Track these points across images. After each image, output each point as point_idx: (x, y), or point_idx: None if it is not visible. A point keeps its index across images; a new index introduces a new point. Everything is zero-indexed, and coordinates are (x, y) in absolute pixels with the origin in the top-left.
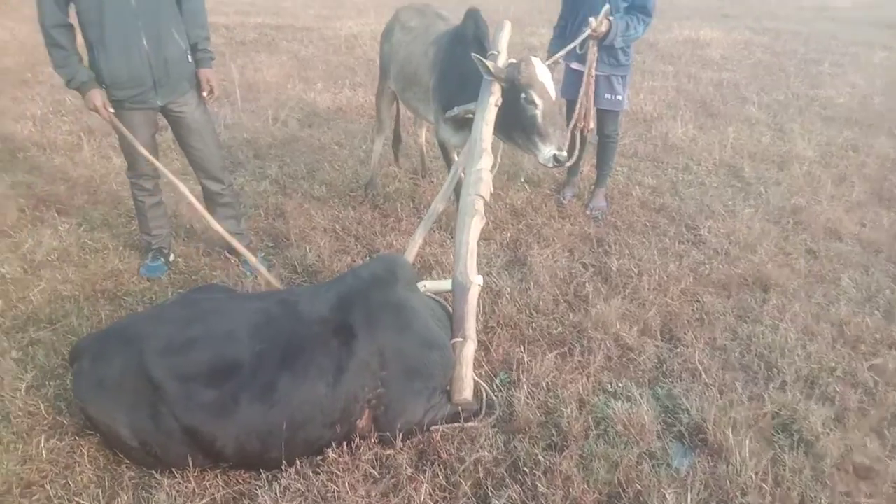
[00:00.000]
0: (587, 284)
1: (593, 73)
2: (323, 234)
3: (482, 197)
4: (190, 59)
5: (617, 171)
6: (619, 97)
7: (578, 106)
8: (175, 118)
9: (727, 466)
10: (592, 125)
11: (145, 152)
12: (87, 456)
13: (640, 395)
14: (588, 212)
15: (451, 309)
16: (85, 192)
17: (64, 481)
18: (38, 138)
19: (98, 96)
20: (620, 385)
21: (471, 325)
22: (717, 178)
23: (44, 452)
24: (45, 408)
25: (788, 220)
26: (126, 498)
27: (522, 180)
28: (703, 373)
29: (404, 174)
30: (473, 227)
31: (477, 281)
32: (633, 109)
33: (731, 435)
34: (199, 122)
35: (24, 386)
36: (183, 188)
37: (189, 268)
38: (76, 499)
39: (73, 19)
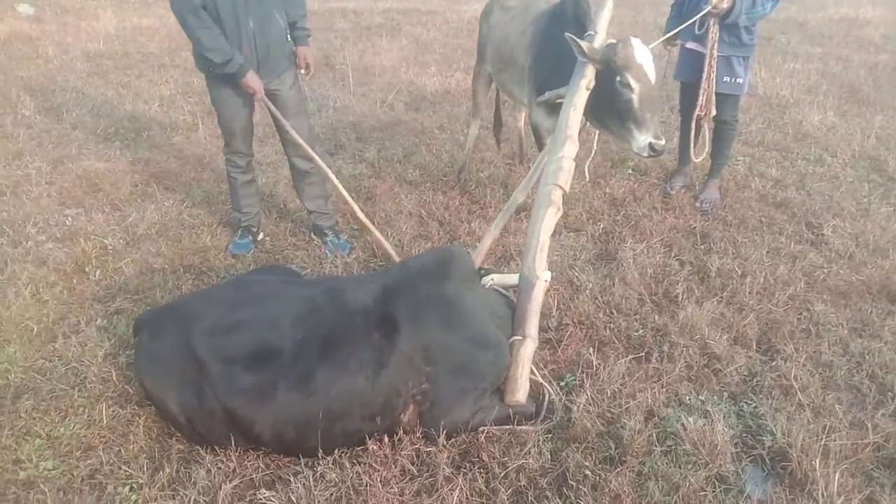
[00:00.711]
0: (680, 284)
1: (715, 54)
2: (408, 218)
3: (561, 187)
4: (289, 38)
5: (736, 160)
6: (740, 80)
7: (701, 92)
8: (271, 96)
9: (809, 501)
10: (714, 111)
11: (297, 137)
12: (143, 426)
13: (718, 410)
14: (697, 204)
15: None
16: (194, 169)
17: (118, 448)
18: (162, 118)
19: (255, 78)
20: (700, 399)
21: (532, 324)
22: (854, 172)
23: (104, 419)
24: (117, 376)
25: None
26: (169, 470)
27: (630, 170)
28: (798, 391)
29: (501, 159)
30: (547, 219)
31: (544, 276)
32: (766, 94)
33: (818, 465)
34: (293, 101)
35: (101, 353)
36: (332, 176)
37: (275, 247)
38: (125, 467)
39: None
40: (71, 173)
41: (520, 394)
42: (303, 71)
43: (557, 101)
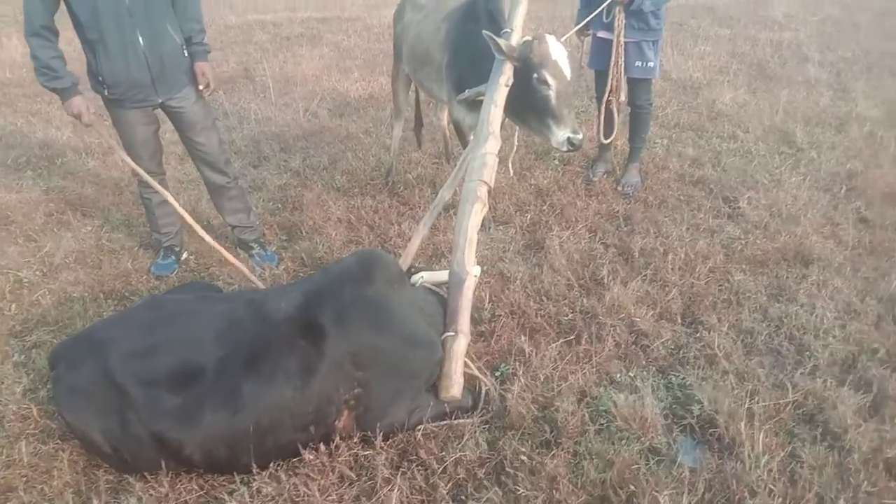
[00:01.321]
0: (605, 266)
1: (622, 40)
2: (337, 224)
3: (486, 183)
4: (186, 54)
5: (655, 143)
6: (651, 64)
7: (609, 77)
8: (175, 114)
9: (737, 463)
10: (624, 97)
11: (127, 157)
12: (68, 460)
13: (647, 385)
14: (619, 188)
15: None
16: (111, 193)
17: (41, 486)
18: (76, 143)
19: (80, 103)
20: (630, 375)
21: (464, 320)
22: (766, 146)
23: (25, 457)
24: (37, 411)
25: (841, 188)
26: (98, 503)
27: (556, 161)
28: (722, 359)
29: (427, 159)
30: (474, 215)
31: (474, 272)
32: (680, 77)
33: (743, 428)
34: (198, 116)
35: (20, 389)
36: (166, 194)
37: (200, 265)
38: None
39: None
40: None
41: (454, 389)
42: (202, 87)
43: (478, 98)
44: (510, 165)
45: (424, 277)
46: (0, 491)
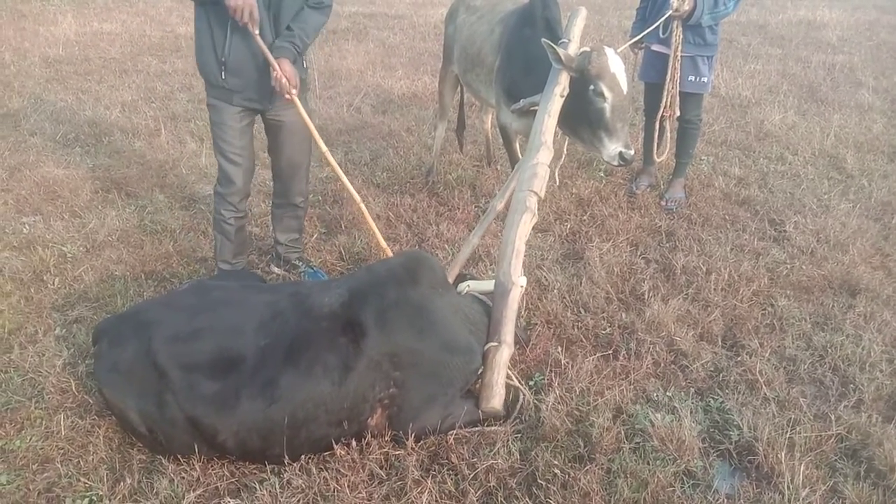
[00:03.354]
0: (646, 282)
1: (678, 55)
2: (375, 220)
3: (536, 193)
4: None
5: (700, 159)
6: (704, 79)
7: (665, 92)
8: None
9: (775, 494)
10: (678, 112)
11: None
12: (103, 437)
13: (685, 406)
14: (663, 203)
15: None
16: (156, 175)
17: (77, 460)
18: (124, 123)
19: None
20: (668, 395)
21: (508, 330)
22: (815, 170)
23: (63, 430)
24: (76, 385)
25: (892, 217)
26: (130, 481)
27: (602, 172)
28: (763, 385)
29: (468, 161)
30: (522, 226)
31: (519, 282)
32: (729, 94)
33: (783, 458)
34: (297, 125)
35: (60, 363)
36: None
37: None
38: (84, 479)
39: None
40: (28, 180)
41: (495, 400)
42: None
43: (532, 108)
44: (556, 174)
45: (471, 286)
46: (38, 461)
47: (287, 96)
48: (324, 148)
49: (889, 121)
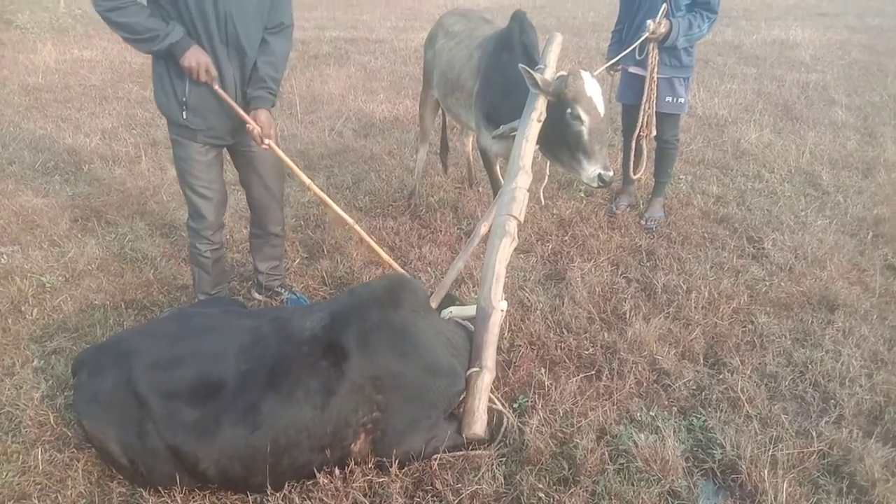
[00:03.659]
0: (627, 301)
1: (655, 77)
2: (358, 244)
3: (515, 217)
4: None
5: (679, 178)
6: (681, 100)
7: (641, 113)
8: (241, 155)
9: None
10: (655, 132)
11: (243, 115)
12: (83, 470)
13: (668, 426)
14: (643, 222)
15: None
16: (136, 202)
17: (55, 495)
18: (104, 151)
19: (201, 52)
20: (651, 414)
21: (489, 355)
22: (791, 187)
23: (41, 464)
24: (54, 418)
25: (868, 233)
26: None
27: (582, 193)
28: (745, 403)
29: (450, 184)
30: (502, 250)
31: (500, 307)
32: (705, 113)
33: (766, 475)
34: (269, 157)
35: (38, 395)
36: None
37: None
38: None
39: None
40: (7, 209)
41: (476, 426)
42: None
43: (512, 133)
44: (541, 195)
45: (453, 312)
46: (15, 497)
47: (264, 146)
48: (307, 181)
49: (862, 137)
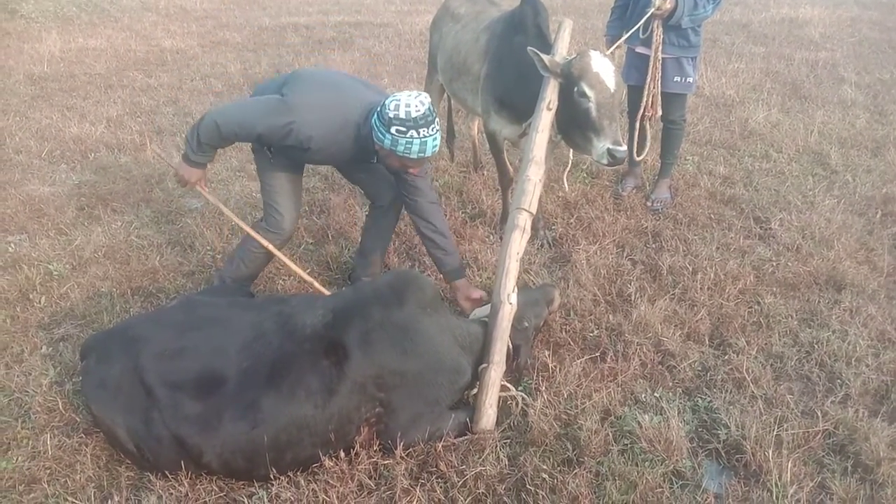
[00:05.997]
0: (633, 283)
1: (660, 56)
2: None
3: (526, 210)
4: None
5: (685, 159)
6: (689, 80)
7: (646, 92)
8: None
9: (763, 492)
10: (660, 112)
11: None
12: (91, 455)
13: (673, 407)
14: (649, 204)
15: None
16: (142, 190)
17: (64, 479)
18: (109, 139)
19: (201, 175)
20: (656, 396)
21: (497, 349)
22: (799, 167)
23: (50, 449)
24: (63, 404)
25: (876, 212)
26: (119, 499)
27: (585, 174)
28: (750, 383)
29: (456, 168)
30: (513, 244)
31: (510, 300)
32: (713, 93)
33: (771, 455)
34: None
35: (46, 382)
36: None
37: None
38: (71, 498)
39: None
40: (13, 198)
41: (483, 421)
42: None
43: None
44: (565, 181)
45: (476, 313)
46: (25, 481)
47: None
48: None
49: (871, 116)
